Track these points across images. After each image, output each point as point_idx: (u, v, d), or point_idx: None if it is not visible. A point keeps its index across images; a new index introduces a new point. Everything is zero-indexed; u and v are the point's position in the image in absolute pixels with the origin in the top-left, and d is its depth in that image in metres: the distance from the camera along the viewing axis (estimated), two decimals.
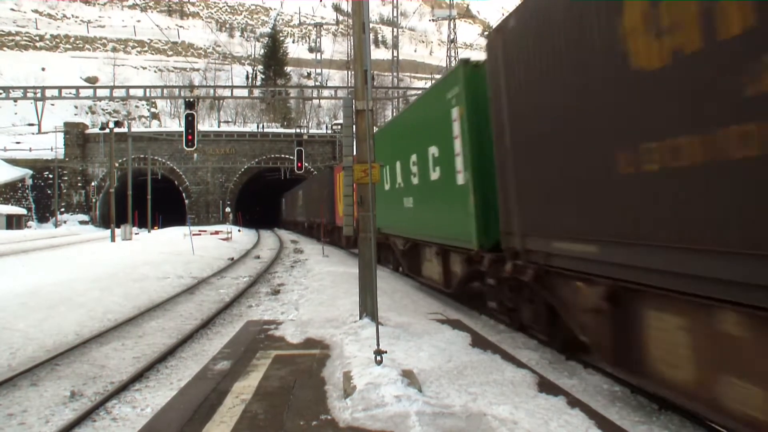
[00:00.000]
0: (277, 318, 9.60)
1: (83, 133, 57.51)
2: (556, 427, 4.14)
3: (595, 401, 5.26)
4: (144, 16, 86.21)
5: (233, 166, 57.85)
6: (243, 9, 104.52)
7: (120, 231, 30.94)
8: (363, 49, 7.70)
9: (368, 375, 4.91)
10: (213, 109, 71.76)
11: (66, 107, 64.17)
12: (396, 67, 54.35)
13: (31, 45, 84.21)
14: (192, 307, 11.60)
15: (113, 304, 11.10)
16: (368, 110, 7.51)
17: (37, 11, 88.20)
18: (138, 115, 74.72)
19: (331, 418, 4.46)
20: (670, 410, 5.08)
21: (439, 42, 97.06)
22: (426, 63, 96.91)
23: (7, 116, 63.61)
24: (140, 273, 15.29)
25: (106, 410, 5.53)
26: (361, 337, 6.57)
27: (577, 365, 6.55)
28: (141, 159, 50.44)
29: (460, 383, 5.13)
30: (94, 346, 8.18)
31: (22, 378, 6.56)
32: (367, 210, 7.47)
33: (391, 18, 68.38)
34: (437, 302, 10.74)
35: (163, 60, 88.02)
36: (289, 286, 14.18)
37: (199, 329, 9.13)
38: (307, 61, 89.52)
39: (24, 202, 55.80)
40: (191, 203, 57.37)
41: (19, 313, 9.42)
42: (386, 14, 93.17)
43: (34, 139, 56.59)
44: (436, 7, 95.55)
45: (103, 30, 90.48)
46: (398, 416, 4.27)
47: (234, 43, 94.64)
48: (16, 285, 11.83)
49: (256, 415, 4.56)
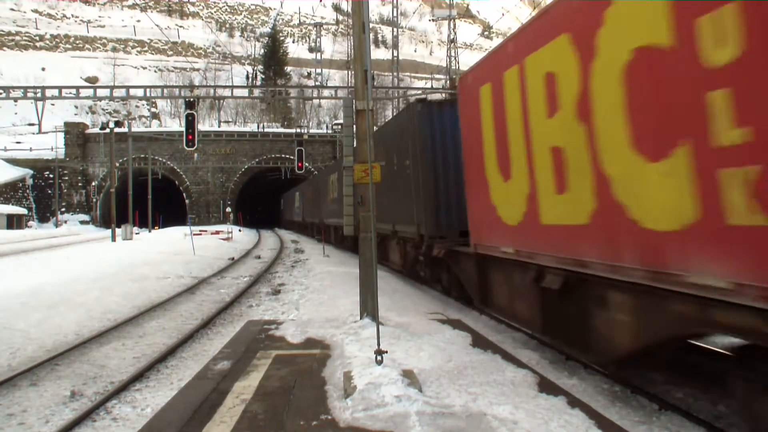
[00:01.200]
0: (278, 318, 9.61)
1: (83, 133, 57.52)
2: (556, 427, 4.14)
3: (595, 401, 5.26)
4: (144, 16, 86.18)
5: (233, 166, 57.87)
6: (243, 9, 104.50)
7: (120, 231, 30.94)
8: (363, 49, 7.70)
9: (368, 375, 4.91)
10: (213, 109, 71.75)
11: (66, 107, 64.18)
12: (396, 67, 54.36)
13: (31, 45, 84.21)
14: (192, 307, 11.60)
15: (113, 304, 11.10)
16: (368, 110, 7.51)
17: (37, 11, 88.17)
18: (138, 115, 74.73)
19: (331, 418, 4.46)
20: (670, 410, 5.09)
21: (439, 42, 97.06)
22: (426, 63, 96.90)
23: (8, 116, 63.59)
24: (140, 273, 15.29)
25: (106, 410, 5.53)
26: (361, 337, 6.58)
27: (577, 365, 6.56)
28: (141, 159, 50.45)
29: (461, 383, 5.13)
30: (94, 346, 8.18)
31: (22, 378, 6.56)
32: (367, 210, 7.47)
33: (391, 18, 68.35)
34: (437, 302, 10.75)
35: (163, 60, 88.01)
36: (290, 285, 14.18)
37: (200, 329, 9.14)
38: (307, 61, 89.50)
39: (24, 202, 55.81)
40: (192, 203, 57.38)
41: (20, 313, 9.43)
42: (386, 14, 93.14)
43: (35, 139, 56.58)
44: (436, 7, 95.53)
45: (103, 30, 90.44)
46: (398, 416, 4.27)
47: (234, 43, 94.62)
48: (16, 285, 11.84)
49: (256, 415, 4.56)
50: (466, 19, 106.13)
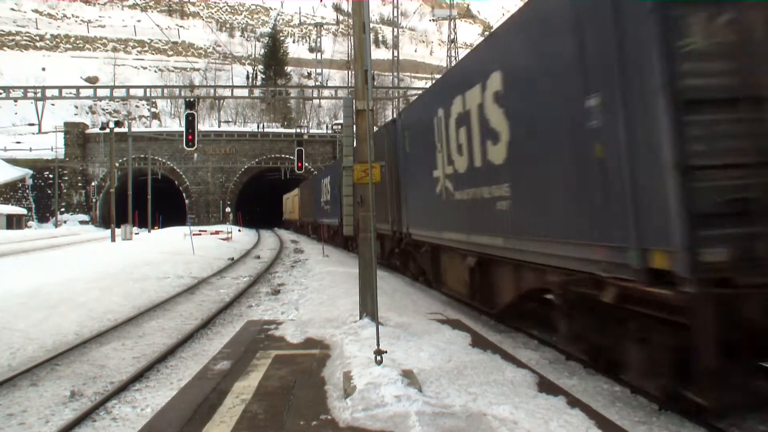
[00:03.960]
0: (278, 318, 9.61)
1: (83, 133, 57.53)
2: (556, 427, 4.14)
3: (595, 401, 5.26)
4: (144, 16, 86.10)
5: (233, 166, 57.87)
6: (243, 9, 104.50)
7: (120, 231, 30.93)
8: (363, 49, 7.70)
9: (368, 375, 4.91)
10: (213, 109, 71.69)
11: (66, 107, 64.17)
12: (396, 67, 54.39)
13: (31, 45, 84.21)
14: (192, 307, 11.61)
15: (113, 304, 11.10)
16: (368, 110, 7.51)
17: (37, 11, 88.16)
18: (138, 115, 74.73)
19: (331, 418, 4.46)
20: (670, 410, 5.08)
21: (439, 42, 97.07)
22: (426, 63, 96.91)
23: (7, 116, 63.59)
24: (140, 273, 15.29)
25: (106, 410, 5.53)
26: (361, 337, 6.57)
27: (577, 365, 6.56)
28: (141, 159, 50.45)
29: (460, 383, 5.13)
30: (94, 346, 8.18)
31: (22, 378, 6.56)
32: (367, 210, 7.47)
33: (392, 18, 68.36)
34: (437, 302, 10.75)
35: (163, 60, 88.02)
36: (290, 286, 14.19)
37: (199, 329, 9.13)
38: (308, 61, 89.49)
39: (24, 202, 55.81)
40: (191, 203, 57.38)
41: (20, 313, 9.43)
42: (386, 14, 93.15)
43: (35, 139, 56.54)
44: (436, 7, 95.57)
45: (103, 30, 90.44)
46: (398, 416, 4.27)
47: (234, 43, 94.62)
48: (16, 285, 11.83)
49: (256, 415, 4.56)
50: (466, 19, 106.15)
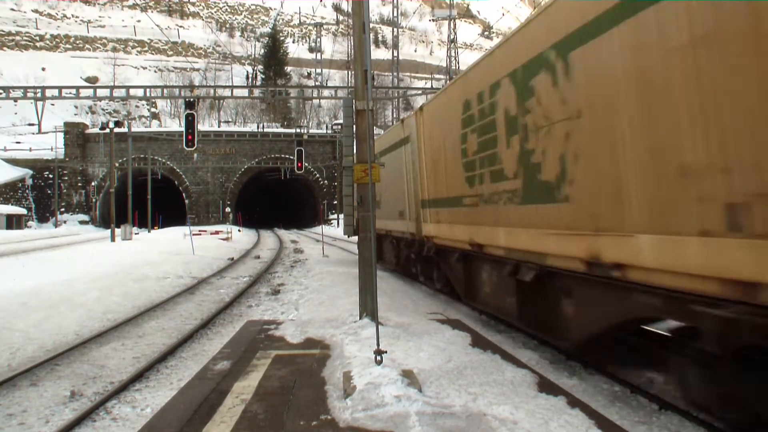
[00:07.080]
0: (277, 318, 9.60)
1: (83, 133, 57.47)
2: (556, 427, 4.14)
3: (595, 401, 5.26)
4: (144, 16, 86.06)
5: (233, 166, 57.85)
6: (243, 9, 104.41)
7: (120, 231, 30.93)
8: (363, 49, 7.70)
9: (368, 375, 4.91)
10: (213, 109, 71.75)
11: (66, 107, 64.13)
12: (396, 67, 54.39)
13: (31, 45, 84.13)
14: (192, 307, 11.60)
15: (113, 304, 11.10)
16: (368, 110, 7.51)
17: (37, 11, 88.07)
18: (138, 115, 74.67)
19: (331, 418, 4.46)
20: (670, 410, 5.08)
21: (439, 42, 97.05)
22: (426, 63, 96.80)
23: (7, 116, 63.55)
24: (140, 273, 15.29)
25: (106, 410, 5.52)
26: (361, 337, 6.57)
27: (577, 365, 6.56)
28: (141, 159, 50.44)
29: (460, 383, 5.13)
30: (94, 346, 8.17)
31: (22, 378, 6.55)
32: (367, 210, 7.47)
33: (391, 18, 68.39)
34: (437, 302, 10.75)
35: (163, 60, 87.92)
36: (289, 286, 14.18)
37: (199, 329, 9.13)
38: (307, 61, 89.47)
39: (24, 202, 55.77)
40: (191, 203, 57.35)
41: (19, 313, 9.43)
42: (386, 14, 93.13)
43: (34, 139, 56.55)
44: (436, 7, 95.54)
45: (103, 30, 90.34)
46: (398, 416, 4.27)
47: (234, 43, 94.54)
48: (16, 285, 11.83)
49: (256, 415, 4.56)
50: (466, 19, 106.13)
